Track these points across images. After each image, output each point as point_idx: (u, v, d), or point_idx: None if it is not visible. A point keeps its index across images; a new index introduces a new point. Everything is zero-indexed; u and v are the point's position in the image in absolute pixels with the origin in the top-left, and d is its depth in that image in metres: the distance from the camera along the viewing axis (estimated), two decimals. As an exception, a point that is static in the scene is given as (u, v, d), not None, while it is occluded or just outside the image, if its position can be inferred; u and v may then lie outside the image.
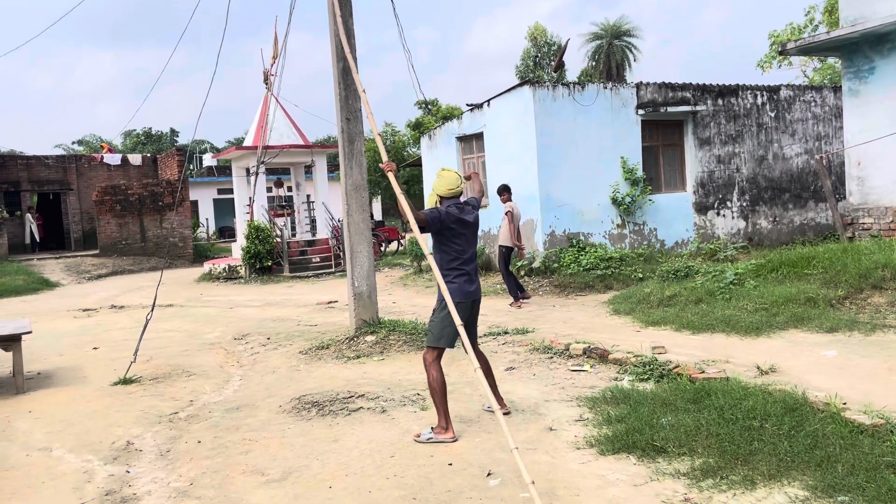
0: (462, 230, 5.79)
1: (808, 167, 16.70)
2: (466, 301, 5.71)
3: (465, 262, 5.79)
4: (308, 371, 8.14)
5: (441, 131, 16.88)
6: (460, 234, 5.78)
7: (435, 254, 5.82)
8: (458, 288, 5.69)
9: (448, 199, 5.90)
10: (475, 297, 5.84)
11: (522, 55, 62.74)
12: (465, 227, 5.81)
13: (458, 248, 5.77)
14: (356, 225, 9.01)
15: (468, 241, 5.83)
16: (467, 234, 5.81)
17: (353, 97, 9.00)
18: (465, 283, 5.74)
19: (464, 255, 5.79)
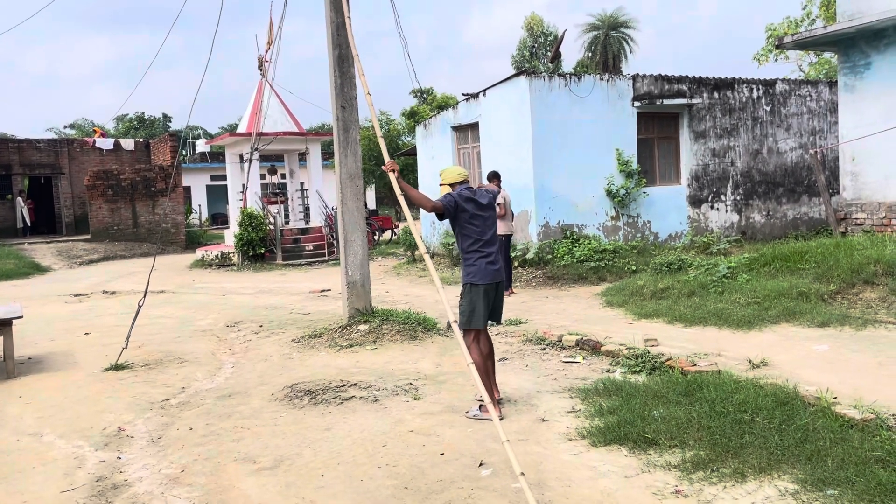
0: (477, 211, 5.86)
1: (803, 162, 16.73)
2: (490, 282, 5.80)
3: (486, 244, 5.87)
4: (301, 359, 8.13)
5: (436, 120, 16.83)
6: (476, 216, 5.85)
7: (457, 241, 6.00)
8: (481, 269, 5.82)
9: (459, 185, 6.03)
10: (499, 278, 5.92)
11: (519, 45, 62.57)
12: (480, 208, 5.88)
13: (477, 229, 5.86)
14: (350, 214, 8.99)
15: (485, 222, 5.90)
16: (483, 215, 5.89)
17: (349, 85, 8.95)
18: (487, 264, 5.82)
19: (483, 237, 5.87)
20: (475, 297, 5.85)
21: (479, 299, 5.83)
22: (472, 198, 5.87)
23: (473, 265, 5.87)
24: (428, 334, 8.85)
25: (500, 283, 5.96)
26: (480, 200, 5.91)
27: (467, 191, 5.97)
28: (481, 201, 5.91)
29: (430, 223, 17.73)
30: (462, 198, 5.87)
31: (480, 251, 5.88)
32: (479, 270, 5.83)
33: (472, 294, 5.87)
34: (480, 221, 5.90)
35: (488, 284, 5.83)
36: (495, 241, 6.02)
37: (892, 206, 11.46)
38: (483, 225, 5.92)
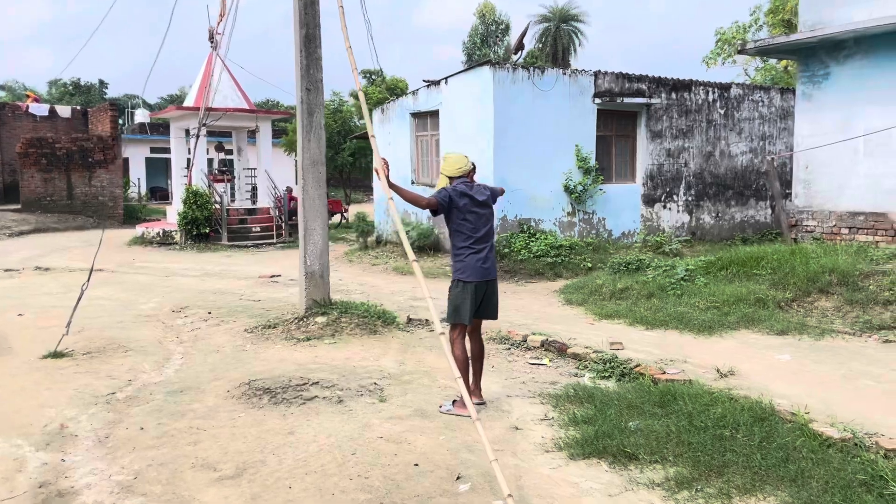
0: (473, 207, 5.74)
1: (752, 166, 17.03)
2: (480, 280, 5.70)
3: (478, 241, 5.75)
4: (255, 352, 7.78)
5: (395, 106, 16.47)
6: (471, 212, 5.73)
7: (450, 236, 5.89)
8: (471, 266, 5.70)
9: (457, 179, 5.90)
10: (489, 276, 5.79)
11: (470, 32, 62.16)
12: (476, 204, 5.75)
13: (470, 225, 5.73)
14: (312, 201, 8.64)
15: (480, 218, 5.77)
16: (479, 211, 5.76)
17: (315, 67, 8.57)
18: (477, 262, 5.71)
19: (476, 234, 5.74)
20: (463, 294, 5.72)
21: (467, 296, 5.71)
22: (467, 193, 5.73)
23: (463, 262, 5.74)
24: (388, 329, 8.60)
25: (490, 281, 5.81)
26: (477, 196, 5.76)
27: (464, 185, 5.82)
28: (478, 197, 5.76)
29: (384, 210, 17.41)
30: (457, 193, 5.72)
31: (472, 248, 5.76)
32: (468, 267, 5.70)
33: (460, 290, 5.73)
34: (474, 218, 5.76)
35: (478, 282, 5.70)
36: (489, 238, 5.87)
37: (843, 215, 11.70)
38: (477, 222, 5.78)
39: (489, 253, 5.83)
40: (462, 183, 5.86)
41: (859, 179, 11.48)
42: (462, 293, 5.75)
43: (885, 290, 8.62)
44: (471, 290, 5.69)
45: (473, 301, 5.72)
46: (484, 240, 5.79)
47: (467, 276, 5.72)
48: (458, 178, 5.89)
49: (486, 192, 5.90)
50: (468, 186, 5.83)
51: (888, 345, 7.59)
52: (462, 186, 5.81)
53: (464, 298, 5.74)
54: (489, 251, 5.83)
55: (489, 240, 5.85)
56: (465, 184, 5.86)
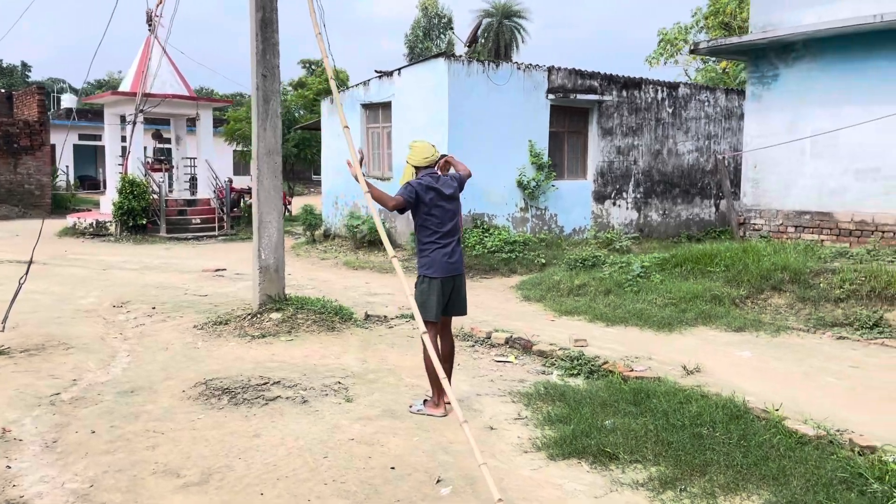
0: (439, 201, 5.51)
1: (698, 164, 17.35)
2: (447, 276, 5.50)
3: (444, 236, 5.54)
4: (208, 349, 7.43)
5: (345, 96, 16.13)
6: (437, 206, 5.50)
7: (416, 230, 5.65)
8: (436, 262, 5.47)
9: (424, 169, 5.65)
10: (455, 271, 5.59)
11: (413, 25, 61.82)
12: (443, 198, 5.53)
13: (436, 220, 5.52)
14: (266, 192, 8.31)
15: (446, 213, 5.55)
16: (445, 205, 5.54)
17: (272, 52, 8.24)
18: (442, 257, 5.50)
19: (442, 228, 5.53)
20: (429, 290, 5.52)
21: (433, 292, 5.51)
22: (433, 186, 5.49)
23: (428, 257, 5.53)
24: (346, 325, 8.35)
25: (457, 276, 5.63)
26: (444, 190, 5.53)
27: (430, 178, 5.58)
28: (445, 191, 5.53)
29: (332, 203, 17.06)
30: (422, 187, 5.49)
31: (438, 243, 5.56)
32: (433, 262, 5.49)
33: (426, 286, 5.54)
34: (440, 212, 5.55)
35: (444, 278, 5.50)
36: (455, 233, 5.66)
37: (790, 214, 11.99)
38: (443, 216, 5.57)
39: (456, 247, 5.64)
40: (428, 175, 5.63)
41: (806, 180, 11.78)
42: (428, 289, 5.55)
43: (835, 288, 8.82)
44: (437, 286, 5.50)
45: (440, 297, 5.53)
46: (450, 234, 5.60)
47: (433, 271, 5.52)
48: (425, 169, 5.65)
49: (454, 185, 5.69)
50: (434, 178, 5.62)
51: (842, 341, 7.75)
52: (428, 179, 5.58)
53: (430, 294, 5.56)
54: (456, 245, 5.64)
55: (456, 234, 5.67)
56: (432, 175, 5.64)
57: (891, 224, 10.74)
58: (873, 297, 8.47)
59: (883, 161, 10.80)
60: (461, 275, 5.72)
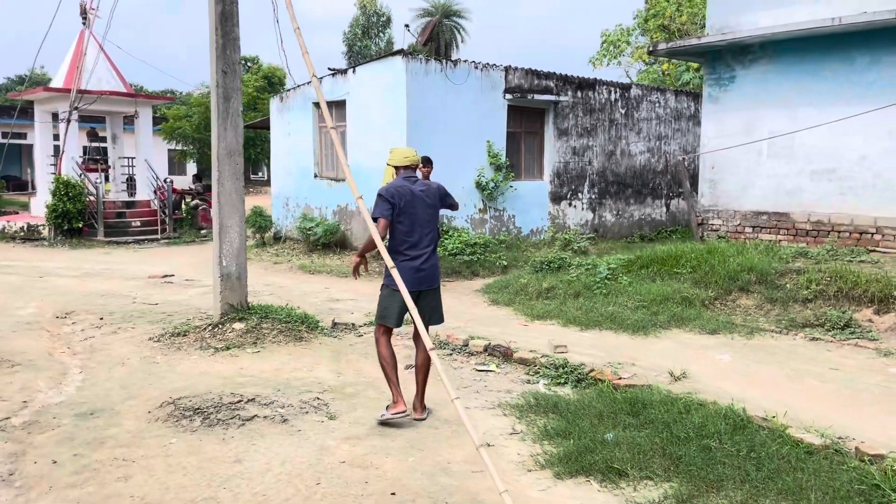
0: (411, 207, 5.29)
1: (650, 165, 17.48)
2: (410, 291, 5.06)
3: (413, 247, 5.33)
4: (169, 364, 6.95)
5: (295, 94, 15.62)
6: (406, 212, 5.29)
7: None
8: (402, 274, 5.10)
9: (404, 170, 5.48)
10: (422, 285, 5.35)
11: (352, 23, 61.08)
12: (416, 202, 5.30)
13: (403, 228, 5.33)
14: (227, 195, 7.86)
15: (415, 221, 5.32)
16: (418, 211, 5.31)
17: (232, 47, 7.79)
18: (409, 269, 5.26)
19: (410, 238, 5.32)
20: (390, 300, 5.35)
21: (394, 302, 5.30)
22: (407, 188, 5.30)
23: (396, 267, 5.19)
24: (313, 335, 7.96)
25: (423, 292, 5.36)
26: (418, 192, 5.32)
27: (404, 181, 5.40)
28: (419, 193, 5.32)
29: (283, 204, 16.53)
30: (392, 191, 5.30)
31: (405, 254, 5.33)
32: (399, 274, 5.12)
33: (387, 294, 5.37)
34: (408, 220, 5.32)
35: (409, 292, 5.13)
36: (426, 243, 5.40)
37: (747, 214, 12.12)
38: (411, 224, 5.33)
39: (429, 258, 5.38)
40: (404, 178, 5.42)
41: (763, 180, 11.92)
42: (389, 297, 5.37)
43: (802, 289, 8.89)
44: (400, 298, 5.13)
45: (401, 308, 5.27)
46: (419, 245, 5.34)
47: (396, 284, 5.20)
48: (405, 170, 5.45)
49: (436, 192, 5.47)
50: (411, 181, 5.39)
51: (816, 343, 7.79)
52: (401, 183, 5.37)
53: (390, 303, 5.37)
54: (428, 258, 5.38)
55: (428, 244, 5.39)
56: (409, 178, 5.42)
57: (846, 224, 10.94)
58: (840, 298, 8.55)
59: (838, 162, 11.00)
60: (432, 290, 5.44)
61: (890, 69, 10.42)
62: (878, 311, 8.19)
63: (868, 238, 10.70)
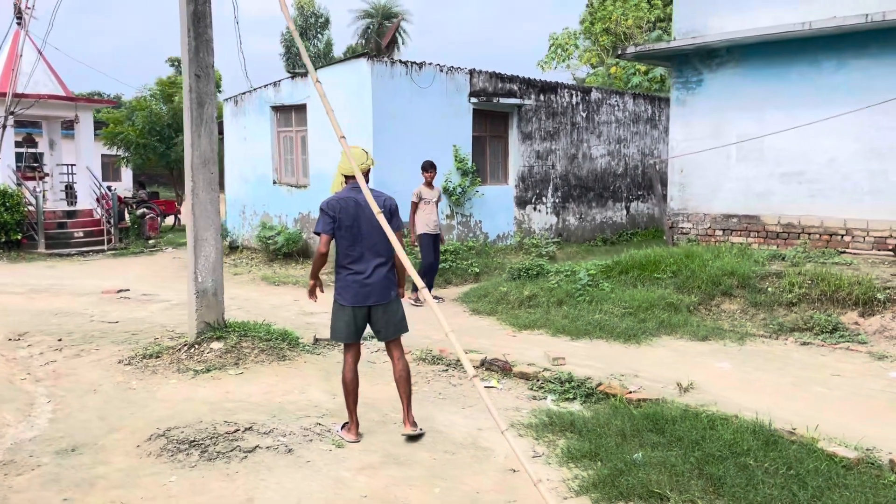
0: (350, 222, 5.04)
1: (610, 168, 17.53)
2: (358, 306, 5.12)
3: (356, 261, 5.10)
4: (147, 390, 6.45)
5: (251, 98, 15.06)
6: (346, 226, 5.05)
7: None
8: (346, 288, 5.14)
9: (353, 179, 5.13)
10: (370, 300, 5.12)
11: (288, 23, 60.11)
12: (357, 217, 5.04)
13: (344, 242, 5.10)
14: (203, 206, 7.38)
15: (360, 234, 5.06)
16: (358, 226, 5.05)
17: (205, 50, 7.33)
18: (354, 283, 5.11)
19: (353, 252, 5.09)
20: (339, 314, 5.20)
21: (342, 317, 5.17)
22: (346, 203, 5.07)
23: (338, 282, 5.21)
24: (296, 352, 7.54)
25: (375, 307, 5.15)
26: (360, 205, 5.02)
27: (349, 192, 5.14)
28: (360, 207, 5.02)
29: (239, 212, 15.93)
30: (330, 206, 5.09)
31: (348, 268, 5.13)
32: (344, 289, 5.17)
33: (336, 309, 5.23)
34: (349, 234, 5.07)
35: (355, 308, 5.10)
36: (376, 256, 5.09)
37: (717, 217, 12.18)
38: (353, 238, 5.07)
39: (376, 271, 5.09)
40: (352, 188, 5.14)
41: (732, 183, 12.00)
42: (339, 313, 5.19)
43: (785, 292, 8.91)
44: (348, 313, 5.13)
45: (352, 323, 5.14)
46: (363, 259, 5.08)
47: (343, 298, 5.15)
48: (354, 179, 5.10)
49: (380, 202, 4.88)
50: (356, 191, 5.05)
51: (808, 347, 7.78)
52: (346, 192, 5.14)
53: (339, 318, 5.19)
54: (376, 269, 5.10)
55: (376, 257, 5.09)
56: (355, 188, 5.07)
57: (816, 226, 11.09)
58: (824, 301, 8.60)
59: (807, 165, 11.14)
60: (384, 304, 5.15)
61: (856, 73, 10.59)
62: (863, 314, 8.25)
63: (838, 240, 10.86)
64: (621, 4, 30.03)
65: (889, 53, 10.22)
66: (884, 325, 7.89)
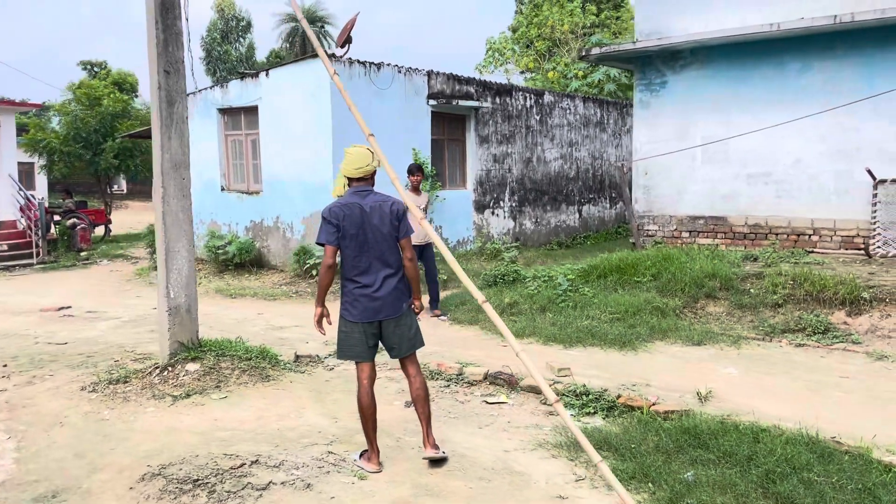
0: (355, 230, 4.60)
1: (563, 171, 17.43)
2: (367, 322, 4.68)
3: (363, 273, 4.65)
4: (123, 420, 5.76)
5: (196, 100, 14.23)
6: (350, 235, 4.61)
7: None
8: (353, 302, 4.69)
9: (357, 182, 4.76)
10: (380, 315, 4.68)
11: (209, 27, 58.23)
12: (363, 225, 4.60)
13: (352, 252, 4.64)
14: (174, 215, 6.73)
15: (366, 243, 4.62)
16: (364, 235, 4.61)
17: (175, 44, 6.69)
18: (363, 297, 4.65)
19: (359, 263, 4.65)
20: (348, 331, 4.74)
21: (352, 335, 4.72)
22: (350, 210, 4.61)
23: (345, 297, 4.75)
24: (279, 371, 6.96)
25: (386, 322, 4.71)
26: (367, 209, 4.62)
27: (353, 196, 4.69)
28: (364, 214, 4.61)
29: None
30: (333, 213, 4.63)
31: (355, 281, 4.69)
32: (350, 304, 4.71)
33: (343, 326, 4.77)
34: (354, 243, 4.63)
35: (365, 324, 4.66)
36: (384, 267, 4.67)
37: (683, 219, 12.16)
38: (359, 248, 4.64)
39: (382, 286, 4.66)
40: (355, 192, 4.71)
41: (698, 185, 11.99)
42: (347, 330, 4.75)
43: (769, 293, 8.86)
44: (358, 330, 4.70)
45: (363, 339, 4.71)
46: (371, 270, 4.66)
47: (351, 315, 4.71)
48: (357, 182, 4.74)
49: (390, 208, 4.68)
50: (361, 195, 4.69)
51: (804, 349, 7.71)
52: (350, 196, 4.69)
53: (348, 335, 4.74)
54: (386, 280, 4.68)
55: (385, 268, 4.68)
56: (361, 191, 4.71)
57: (784, 227, 11.17)
58: (810, 301, 8.58)
59: (774, 166, 11.21)
60: (395, 317, 4.71)
61: (821, 74, 10.72)
62: (850, 314, 8.25)
63: (806, 240, 10.96)
64: (558, 10, 30.23)
65: (854, 55, 10.38)
66: (874, 325, 7.90)
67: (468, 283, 3.89)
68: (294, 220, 12.76)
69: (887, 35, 10.02)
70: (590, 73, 25.37)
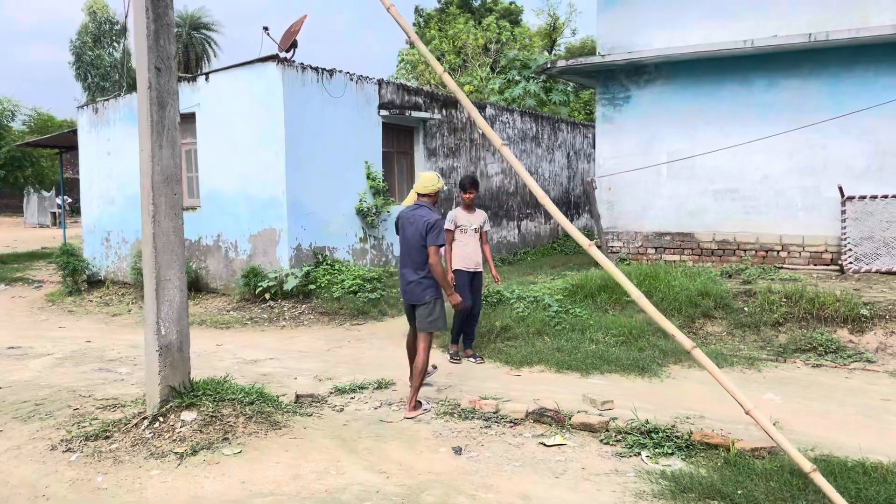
0: (400, 233, 6.28)
1: (503, 186, 17.07)
2: (406, 303, 6.39)
3: (402, 266, 6.30)
4: (127, 489, 4.72)
5: (117, 105, 12.80)
6: (399, 237, 6.32)
7: None
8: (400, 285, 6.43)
9: (423, 198, 6.27)
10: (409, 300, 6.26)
11: (79, 30, 54.58)
12: (405, 228, 6.18)
13: (399, 249, 6.36)
14: (165, 237, 5.70)
15: (405, 243, 6.20)
16: (405, 236, 6.18)
17: (166, 36, 5.69)
18: (401, 283, 6.37)
19: (401, 258, 6.31)
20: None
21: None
22: (403, 216, 6.27)
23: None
24: (287, 416, 6.04)
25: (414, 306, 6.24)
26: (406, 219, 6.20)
27: (408, 210, 6.27)
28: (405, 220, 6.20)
29: (101, 240, 13.48)
30: (398, 221, 6.38)
31: (400, 270, 6.38)
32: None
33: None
34: (400, 243, 6.31)
35: (405, 304, 6.40)
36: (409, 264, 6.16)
37: (649, 235, 12.00)
38: (402, 245, 6.26)
39: (407, 278, 6.19)
40: (414, 205, 6.23)
41: (664, 201, 11.87)
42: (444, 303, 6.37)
43: (766, 312, 8.73)
44: (405, 304, 6.45)
45: (407, 309, 6.45)
46: (404, 264, 6.24)
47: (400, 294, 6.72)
48: (423, 198, 6.25)
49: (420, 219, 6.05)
50: (413, 209, 6.19)
51: (823, 370, 7.55)
52: (408, 209, 6.24)
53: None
54: (407, 277, 6.19)
55: (410, 266, 6.16)
56: (416, 206, 6.20)
57: (752, 243, 11.21)
58: (810, 319, 8.49)
59: (741, 182, 11.24)
60: (420, 304, 6.14)
61: (786, 92, 10.84)
62: (852, 331, 8.21)
63: (774, 255, 11.03)
64: (473, 27, 30.14)
65: (820, 73, 10.55)
66: (883, 343, 7.88)
67: (671, 329, 3.28)
68: (239, 239, 11.64)
69: (854, 54, 10.24)
70: (506, 88, 25.33)
